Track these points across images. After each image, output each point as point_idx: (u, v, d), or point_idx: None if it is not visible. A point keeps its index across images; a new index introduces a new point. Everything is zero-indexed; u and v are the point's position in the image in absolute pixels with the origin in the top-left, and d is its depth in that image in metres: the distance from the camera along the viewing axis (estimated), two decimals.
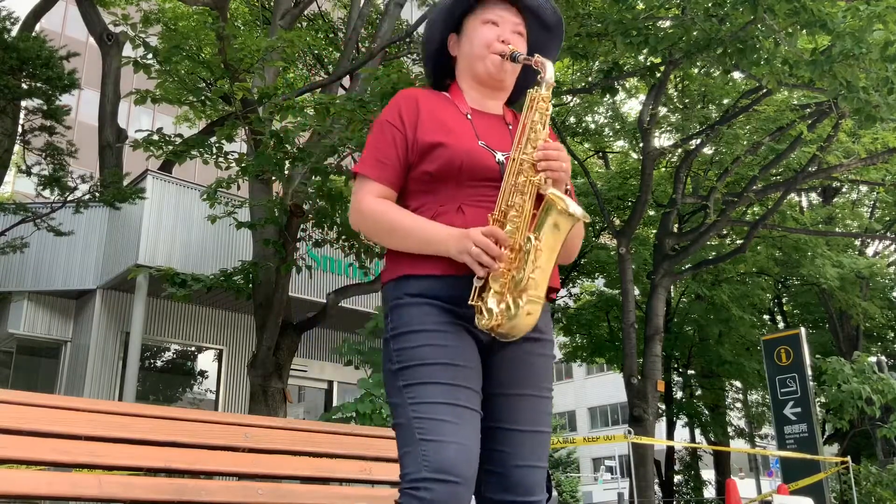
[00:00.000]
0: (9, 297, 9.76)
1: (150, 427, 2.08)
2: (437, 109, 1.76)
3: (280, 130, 6.56)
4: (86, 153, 11.15)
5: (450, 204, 1.67)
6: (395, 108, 1.76)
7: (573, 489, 32.39)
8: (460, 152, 1.67)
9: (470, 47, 1.80)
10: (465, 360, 1.59)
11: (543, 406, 1.70)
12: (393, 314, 1.65)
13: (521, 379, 1.69)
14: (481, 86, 1.82)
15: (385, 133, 1.73)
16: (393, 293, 1.67)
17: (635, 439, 8.49)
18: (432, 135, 1.69)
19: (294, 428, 2.45)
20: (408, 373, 1.57)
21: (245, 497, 2.17)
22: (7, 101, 8.33)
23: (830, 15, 6.28)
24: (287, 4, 8.86)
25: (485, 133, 1.74)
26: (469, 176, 1.67)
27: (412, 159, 1.71)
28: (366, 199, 1.69)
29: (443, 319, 1.61)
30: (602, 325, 17.24)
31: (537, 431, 1.67)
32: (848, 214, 16.90)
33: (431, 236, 1.62)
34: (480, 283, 1.57)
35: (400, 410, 1.57)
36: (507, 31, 1.78)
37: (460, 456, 1.48)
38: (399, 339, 1.61)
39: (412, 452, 1.50)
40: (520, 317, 1.56)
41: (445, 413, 1.51)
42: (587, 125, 16.07)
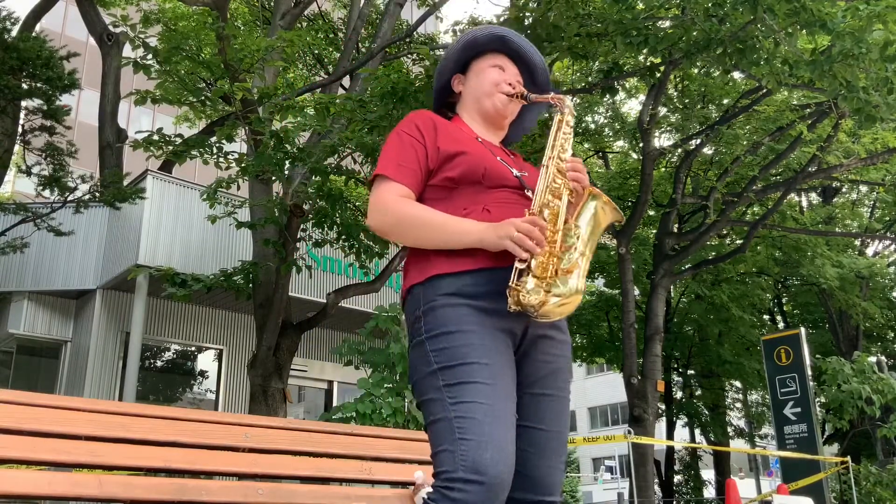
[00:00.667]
0: (9, 297, 9.76)
1: (150, 427, 2.08)
2: (452, 129, 1.85)
3: (280, 130, 6.57)
4: (86, 153, 11.16)
5: (474, 207, 1.73)
6: (411, 123, 1.83)
7: (573, 489, 32.38)
8: (482, 159, 1.77)
9: (479, 84, 1.95)
10: (502, 363, 1.62)
11: (564, 406, 1.76)
12: (427, 316, 1.66)
13: (545, 379, 1.73)
14: (484, 121, 1.95)
15: (403, 142, 1.80)
16: (425, 296, 1.68)
17: (635, 439, 8.49)
18: (453, 145, 1.78)
19: (294, 428, 2.45)
20: (448, 373, 1.58)
21: (245, 497, 2.17)
22: (7, 101, 8.33)
23: (830, 15, 6.27)
24: (287, 4, 8.86)
25: (496, 154, 1.86)
26: (491, 182, 1.76)
27: (432, 166, 1.77)
28: (391, 198, 1.73)
29: (478, 320, 1.63)
30: (602, 325, 17.24)
31: (559, 432, 1.72)
32: (848, 214, 16.90)
33: (468, 227, 1.66)
34: (522, 266, 1.61)
35: (438, 408, 1.58)
36: (513, 77, 1.96)
37: (497, 457, 1.50)
38: (436, 339, 1.62)
39: (450, 451, 1.51)
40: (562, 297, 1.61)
41: (486, 414, 1.53)
42: (587, 125, 16.06)
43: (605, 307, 16.79)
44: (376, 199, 1.75)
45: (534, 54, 2.01)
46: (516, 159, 1.95)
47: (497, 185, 1.76)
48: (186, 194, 9.68)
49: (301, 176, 7.09)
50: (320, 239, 7.95)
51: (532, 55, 2.00)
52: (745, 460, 31.25)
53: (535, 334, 1.73)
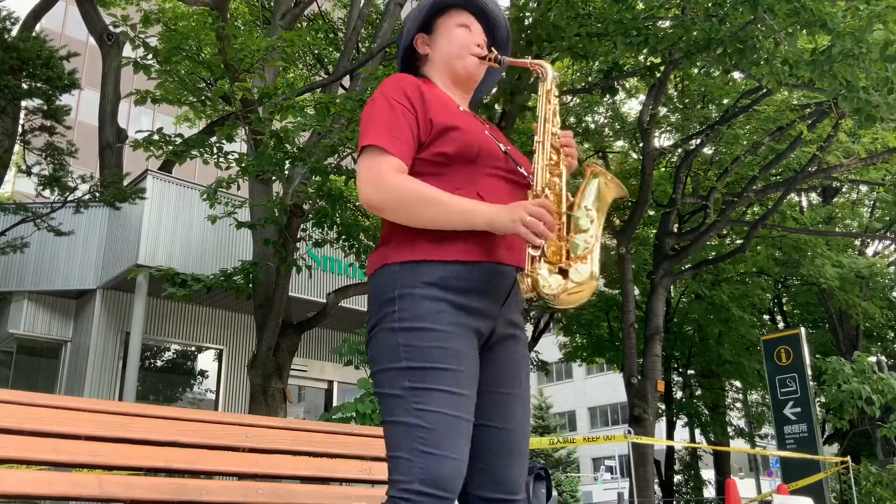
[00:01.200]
0: (9, 297, 9.76)
1: (150, 427, 2.08)
2: (438, 95, 1.77)
3: (280, 130, 6.56)
4: (86, 153, 11.16)
5: (466, 188, 1.65)
6: (397, 88, 1.71)
7: (573, 489, 32.39)
8: (476, 136, 1.70)
9: (448, 46, 1.86)
10: (468, 367, 1.58)
11: (526, 404, 1.73)
12: (404, 302, 1.58)
13: (510, 378, 1.70)
14: (455, 84, 1.87)
15: (394, 109, 1.67)
16: (402, 279, 1.59)
17: (635, 439, 8.49)
18: (445, 117, 1.69)
19: (294, 428, 2.45)
20: (417, 374, 1.53)
21: (245, 497, 2.17)
22: (7, 101, 8.34)
23: (830, 15, 6.27)
24: (287, 4, 8.86)
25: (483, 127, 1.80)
26: (485, 161, 1.69)
27: (424, 139, 1.68)
28: (388, 171, 1.61)
29: (455, 320, 1.58)
30: (602, 325, 17.24)
31: (523, 431, 1.70)
32: (848, 214, 16.90)
33: (475, 208, 1.58)
34: (537, 253, 1.55)
35: (400, 409, 1.53)
36: (480, 38, 1.89)
37: (454, 472, 1.49)
38: (410, 333, 1.56)
39: (409, 460, 1.49)
40: (580, 284, 1.59)
41: (448, 426, 1.51)
42: (587, 125, 16.06)
43: (605, 307, 16.79)
44: (370, 172, 1.62)
45: (496, 9, 1.94)
46: (492, 130, 1.86)
47: (490, 164, 1.70)
48: (186, 194, 9.67)
49: (301, 176, 7.09)
50: (320, 239, 7.95)
51: (495, 11, 1.93)
52: (745, 460, 31.25)
53: (502, 333, 1.69)
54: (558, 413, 42.37)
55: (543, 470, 3.44)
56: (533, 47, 7.89)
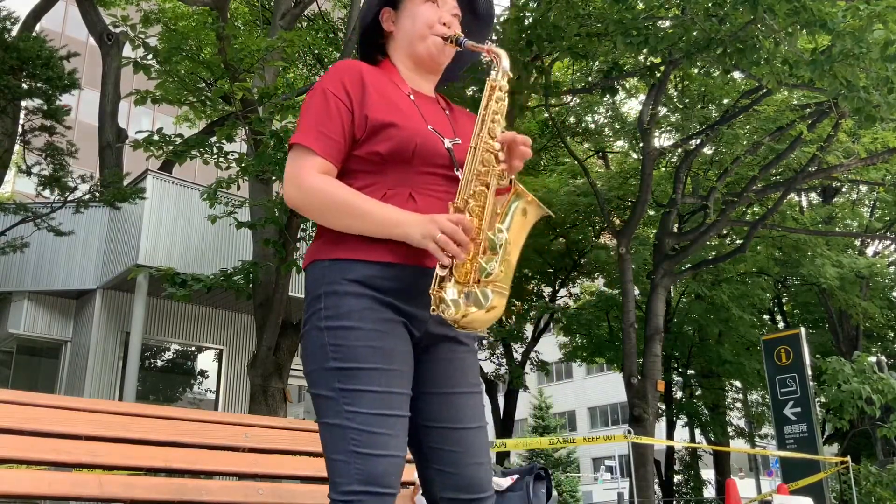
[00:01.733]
0: (9, 297, 9.76)
1: (150, 427, 2.08)
2: (382, 86, 1.68)
3: (280, 130, 6.56)
4: (86, 153, 11.15)
5: (400, 188, 1.60)
6: (336, 79, 1.65)
7: (573, 489, 32.37)
8: (413, 134, 1.61)
9: (412, 25, 1.75)
10: (400, 363, 1.56)
11: (478, 401, 1.70)
12: (329, 300, 1.55)
13: (455, 377, 1.66)
14: (417, 66, 1.77)
15: (329, 104, 1.62)
16: (328, 276, 1.57)
17: (635, 439, 8.49)
18: (383, 113, 1.62)
19: (294, 428, 2.45)
20: (346, 375, 1.52)
21: (245, 497, 2.17)
22: (7, 101, 8.34)
23: (830, 15, 6.27)
24: (287, 4, 8.86)
25: (429, 117, 1.70)
26: (421, 161, 1.62)
27: (359, 136, 1.62)
28: (310, 175, 1.57)
29: (382, 316, 1.55)
30: (602, 325, 17.24)
31: (479, 427, 1.67)
32: (848, 214, 16.91)
33: (391, 218, 1.53)
34: (444, 273, 1.50)
35: (332, 411, 1.52)
36: (447, 13, 1.76)
37: (391, 468, 1.50)
38: (336, 333, 1.53)
39: (344, 462, 1.49)
40: (487, 308, 1.50)
41: (380, 424, 1.50)
42: (587, 125, 16.07)
43: (605, 307, 16.79)
44: (294, 172, 1.59)
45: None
46: (452, 114, 1.79)
47: (427, 163, 1.62)
48: (186, 194, 9.67)
49: None
50: None
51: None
52: (745, 460, 31.25)
53: (437, 333, 1.65)
54: (558, 413, 42.35)
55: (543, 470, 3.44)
56: (533, 47, 7.89)
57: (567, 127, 15.36)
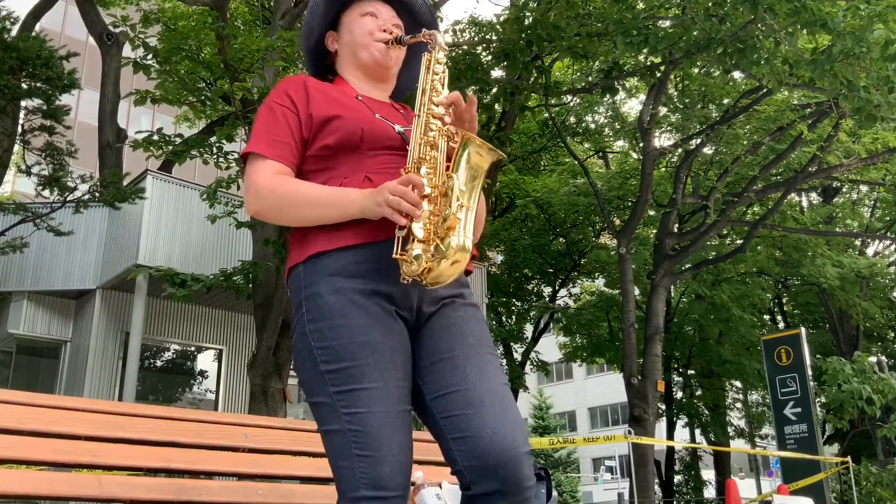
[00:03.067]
0: (9, 297, 9.76)
1: (150, 427, 2.08)
2: (326, 89, 1.72)
3: None
4: (86, 153, 11.15)
5: (354, 175, 1.61)
6: (280, 91, 1.70)
7: (573, 489, 32.40)
8: (359, 121, 1.63)
9: (352, 37, 1.79)
10: (393, 354, 1.52)
11: (488, 360, 1.58)
12: (309, 303, 1.53)
13: (452, 340, 1.59)
14: (366, 75, 1.80)
15: (275, 113, 1.66)
16: (305, 278, 1.56)
17: (635, 439, 8.49)
18: (326, 109, 1.64)
19: (294, 428, 2.45)
20: (337, 377, 1.49)
21: (245, 497, 2.17)
22: (7, 101, 8.33)
23: (831, 14, 6.28)
24: (287, 4, 8.85)
25: (378, 110, 1.72)
26: (370, 145, 1.63)
27: (307, 135, 1.64)
28: (263, 178, 1.59)
29: (365, 309, 1.52)
30: (602, 325, 17.24)
31: (493, 385, 1.53)
32: (848, 214, 16.92)
33: (342, 199, 1.54)
34: (403, 233, 1.48)
35: (331, 417, 1.50)
36: (388, 21, 1.79)
37: (395, 469, 1.46)
38: (321, 335, 1.51)
39: (349, 468, 1.47)
40: (451, 255, 1.47)
41: (380, 423, 1.47)
42: (587, 125, 16.07)
43: (605, 307, 16.79)
44: (250, 181, 1.60)
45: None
46: (406, 112, 1.80)
47: (378, 147, 1.63)
48: (186, 194, 9.67)
49: None
50: None
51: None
52: (745, 460, 31.26)
53: (429, 311, 1.61)
54: (558, 413, 42.37)
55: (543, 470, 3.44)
56: (533, 47, 7.89)
57: (567, 127, 15.36)
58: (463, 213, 1.51)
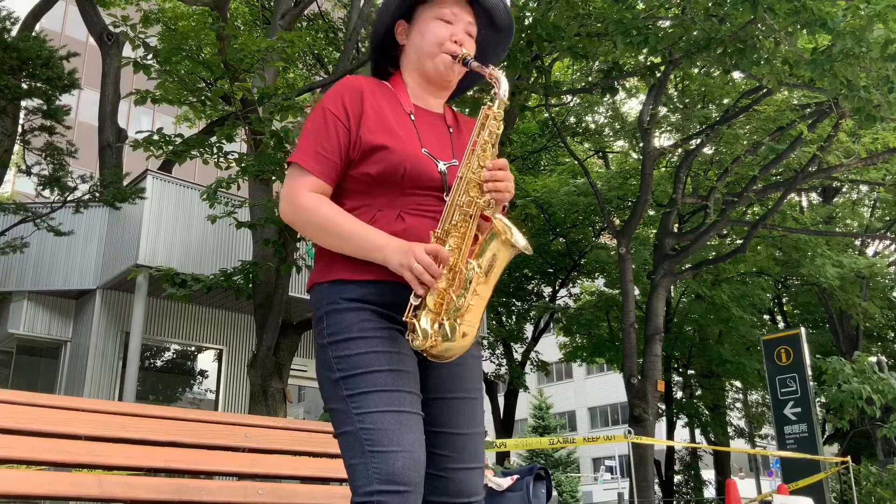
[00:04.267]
0: (9, 297, 9.76)
1: (150, 427, 2.08)
2: (382, 105, 1.71)
3: (280, 130, 6.56)
4: (86, 153, 11.15)
5: (389, 210, 1.64)
6: (338, 98, 1.68)
7: (573, 489, 32.38)
8: (404, 158, 1.63)
9: (421, 41, 1.75)
10: (404, 366, 1.59)
11: (476, 407, 1.72)
12: (329, 319, 1.61)
13: (454, 383, 1.70)
14: (426, 83, 1.78)
15: (328, 124, 1.66)
16: (328, 297, 1.62)
17: (635, 439, 8.49)
18: (376, 135, 1.64)
19: (294, 428, 2.45)
20: (351, 382, 1.55)
21: (245, 497, 2.17)
22: (7, 101, 8.33)
23: (830, 14, 6.27)
24: (287, 4, 8.86)
25: (427, 137, 1.71)
26: (411, 183, 1.64)
27: (353, 156, 1.66)
28: (302, 193, 1.63)
29: (381, 325, 1.60)
30: (602, 325, 17.24)
31: (474, 433, 1.69)
32: (848, 214, 16.90)
33: (372, 243, 1.58)
34: (417, 302, 1.55)
35: (344, 420, 1.55)
36: (461, 30, 1.76)
37: (408, 464, 1.49)
38: (338, 346, 1.58)
39: (362, 464, 1.50)
40: (455, 340, 1.55)
41: (391, 421, 1.51)
42: (587, 125, 16.07)
43: (605, 307, 16.79)
44: (290, 190, 1.65)
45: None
46: (457, 130, 1.80)
47: (417, 186, 1.64)
48: (186, 194, 9.67)
49: None
50: None
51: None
52: (745, 460, 31.26)
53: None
54: (558, 413, 42.35)
55: (543, 470, 3.44)
56: (533, 47, 7.89)
57: (567, 127, 15.36)
58: (475, 300, 1.58)
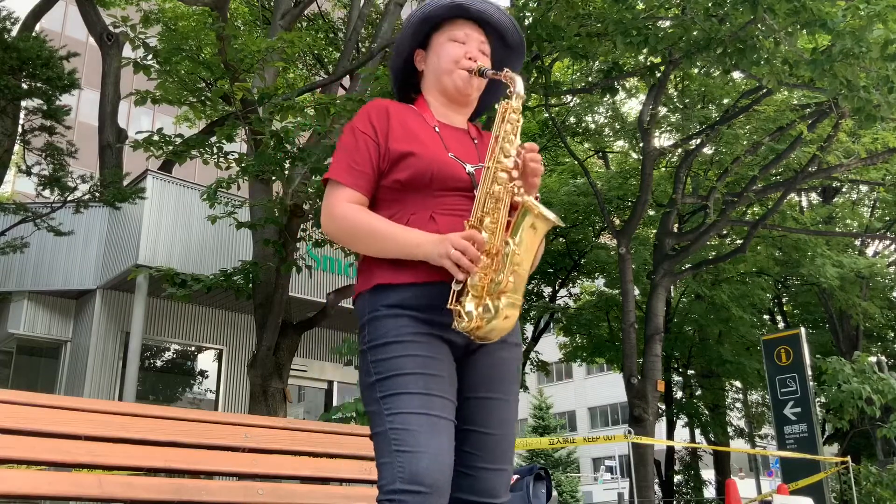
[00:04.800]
0: (9, 297, 9.76)
1: (150, 427, 2.08)
2: (406, 120, 1.80)
3: (280, 130, 6.56)
4: (86, 153, 11.15)
5: (421, 212, 1.71)
6: (365, 117, 1.79)
7: (573, 489, 32.40)
8: (431, 161, 1.72)
9: (438, 62, 1.86)
10: (439, 370, 1.63)
11: (511, 409, 1.76)
12: (370, 326, 1.67)
13: (491, 383, 1.74)
14: (448, 100, 1.88)
15: (357, 140, 1.76)
16: (369, 305, 1.69)
17: (635, 439, 8.49)
18: (403, 144, 1.73)
19: (294, 428, 2.45)
20: (384, 384, 1.60)
21: (245, 497, 2.17)
22: (7, 101, 8.33)
23: (830, 14, 6.28)
24: (287, 4, 8.86)
25: (453, 145, 1.80)
26: (440, 185, 1.72)
27: (384, 167, 1.74)
28: (339, 205, 1.71)
29: (418, 330, 1.64)
30: (602, 325, 17.24)
31: (505, 435, 1.73)
32: (848, 214, 16.90)
33: (409, 240, 1.65)
34: (459, 287, 1.60)
35: (377, 420, 1.60)
36: (474, 48, 1.86)
37: (433, 466, 1.52)
38: (376, 350, 1.64)
39: (388, 463, 1.54)
40: (498, 319, 1.60)
41: (420, 424, 1.55)
42: (587, 125, 16.06)
43: (605, 307, 16.78)
44: (328, 204, 1.74)
45: (499, 14, 1.90)
46: (481, 140, 1.89)
47: (446, 187, 1.72)
48: (186, 194, 9.67)
49: (301, 176, 7.08)
50: (320, 239, 7.95)
51: (497, 16, 1.89)
52: (745, 460, 31.26)
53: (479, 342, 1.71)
54: (558, 413, 42.35)
55: (543, 470, 3.44)
56: (533, 47, 7.89)
57: (567, 127, 15.35)
58: (515, 277, 1.62)
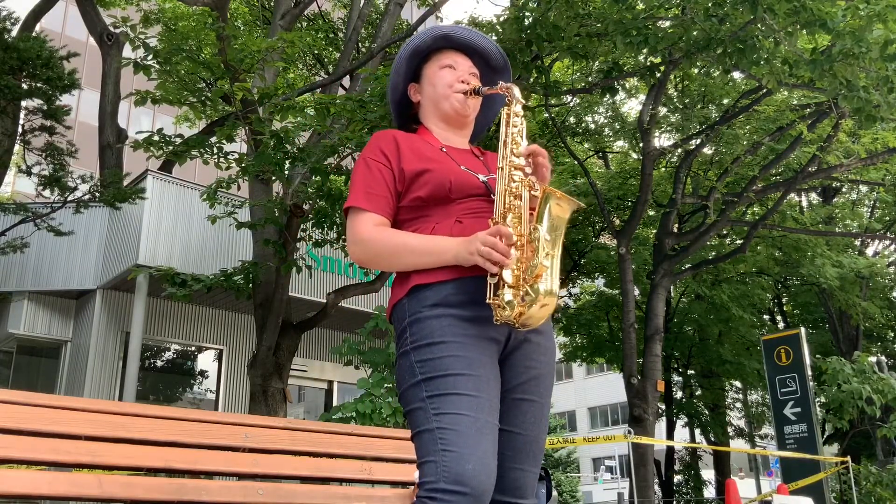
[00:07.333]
0: (9, 297, 9.76)
1: (150, 427, 2.08)
2: (414, 143, 1.87)
3: (280, 130, 6.56)
4: (86, 153, 11.16)
5: (445, 219, 1.76)
6: (374, 146, 1.85)
7: (573, 489, 32.39)
8: (447, 173, 1.78)
9: (433, 90, 1.95)
10: (486, 372, 1.64)
11: (544, 412, 1.79)
12: (413, 327, 1.68)
13: (527, 384, 1.76)
14: (448, 124, 1.96)
15: (371, 168, 1.81)
16: (409, 308, 1.70)
17: (635, 439, 8.49)
18: (416, 164, 1.80)
19: (294, 428, 2.45)
20: (432, 383, 1.61)
21: (245, 497, 2.17)
22: (7, 101, 8.33)
23: (830, 14, 6.27)
24: (287, 4, 8.86)
25: (462, 161, 1.87)
26: (459, 193, 1.78)
27: (401, 188, 1.80)
28: (365, 229, 1.75)
29: (465, 332, 1.65)
30: (602, 325, 17.23)
31: (536, 437, 1.75)
32: (848, 214, 16.89)
33: (437, 247, 1.69)
34: (494, 280, 1.62)
35: (422, 419, 1.61)
36: (465, 72, 1.96)
37: (478, 469, 1.52)
38: (421, 350, 1.65)
39: (433, 462, 1.55)
40: (537, 304, 1.62)
41: (468, 425, 1.56)
42: (587, 125, 16.05)
43: (605, 307, 16.78)
44: (351, 232, 1.78)
45: (482, 40, 2.00)
46: (486, 159, 1.96)
47: (465, 195, 1.78)
48: (186, 194, 9.67)
49: (301, 176, 7.09)
50: (320, 239, 7.95)
51: (480, 42, 2.00)
52: (745, 460, 31.26)
53: (518, 339, 1.75)
54: (558, 413, 42.35)
55: (543, 470, 3.44)
56: (533, 47, 7.89)
57: (567, 127, 15.34)
58: (549, 260, 1.65)
